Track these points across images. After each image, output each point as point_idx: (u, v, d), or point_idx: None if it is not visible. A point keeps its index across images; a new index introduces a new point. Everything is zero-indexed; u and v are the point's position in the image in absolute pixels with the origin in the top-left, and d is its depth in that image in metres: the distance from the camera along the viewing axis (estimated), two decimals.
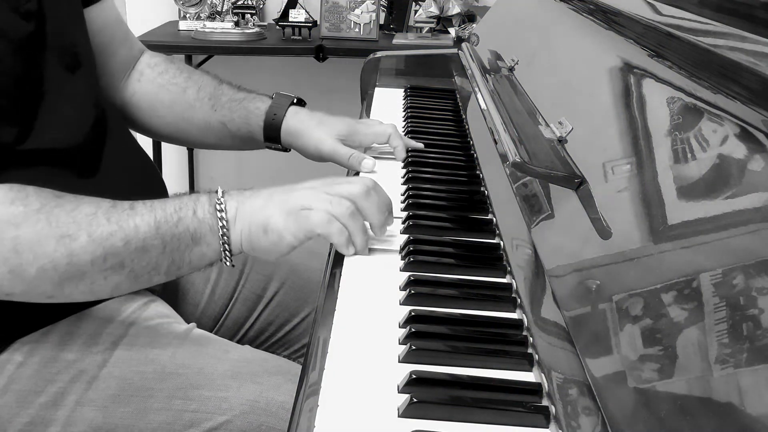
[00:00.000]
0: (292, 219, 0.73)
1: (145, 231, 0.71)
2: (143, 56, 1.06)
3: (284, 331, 1.06)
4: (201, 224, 0.73)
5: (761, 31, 0.57)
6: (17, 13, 0.76)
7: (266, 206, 0.74)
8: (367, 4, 2.35)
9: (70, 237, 0.69)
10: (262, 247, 0.75)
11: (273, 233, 0.73)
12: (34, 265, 0.68)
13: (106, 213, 0.71)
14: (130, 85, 1.04)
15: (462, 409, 0.53)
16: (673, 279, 0.49)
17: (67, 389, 0.79)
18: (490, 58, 1.27)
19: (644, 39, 0.77)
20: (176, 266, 0.74)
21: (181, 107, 1.04)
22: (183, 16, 2.43)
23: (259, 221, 0.74)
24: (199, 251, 0.74)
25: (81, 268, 0.70)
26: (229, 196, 0.75)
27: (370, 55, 1.55)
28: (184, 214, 0.73)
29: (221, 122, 1.04)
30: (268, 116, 1.02)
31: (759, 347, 0.39)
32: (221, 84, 1.06)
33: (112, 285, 0.73)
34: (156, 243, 0.72)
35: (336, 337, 0.61)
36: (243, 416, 0.80)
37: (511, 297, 0.68)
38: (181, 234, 0.73)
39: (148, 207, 0.73)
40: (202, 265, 0.76)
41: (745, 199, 0.48)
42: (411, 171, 0.98)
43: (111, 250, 0.70)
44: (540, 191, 0.76)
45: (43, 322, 0.83)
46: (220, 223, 0.73)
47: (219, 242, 0.74)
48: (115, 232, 0.70)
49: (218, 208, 0.74)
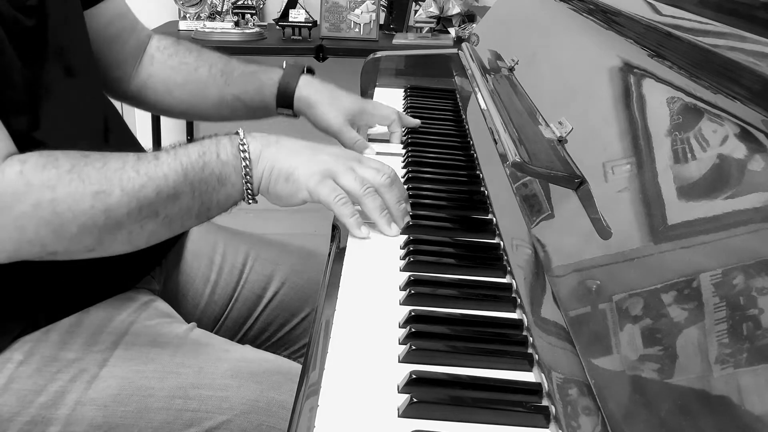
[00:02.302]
0: (315, 179, 0.76)
1: (174, 179, 0.74)
2: (152, 40, 1.09)
3: (284, 331, 1.06)
4: (225, 166, 0.76)
5: (761, 31, 0.57)
6: (18, 8, 0.78)
7: (293, 156, 0.78)
8: (367, 4, 2.35)
9: (104, 192, 0.71)
10: (277, 192, 0.78)
11: (293, 183, 0.77)
12: (74, 223, 0.71)
13: (134, 166, 0.73)
14: (143, 69, 1.07)
15: (462, 409, 0.53)
16: (673, 279, 0.49)
17: (68, 388, 0.80)
18: (490, 58, 1.27)
19: (644, 39, 0.77)
20: (206, 208, 0.77)
21: (195, 85, 1.07)
22: (183, 16, 2.43)
23: (283, 167, 0.77)
24: (225, 192, 0.77)
25: (118, 220, 0.72)
26: (252, 137, 0.78)
27: (370, 55, 1.55)
28: (209, 158, 0.76)
29: (235, 95, 1.08)
30: (281, 85, 1.07)
31: (759, 347, 0.40)
32: (230, 60, 1.10)
33: (149, 232, 0.75)
34: (185, 189, 0.74)
35: (336, 337, 0.61)
36: (243, 416, 0.80)
37: (511, 297, 0.68)
38: (207, 177, 0.75)
39: (173, 155, 0.75)
40: (229, 205, 0.79)
41: (745, 199, 0.48)
42: (411, 171, 0.98)
43: (144, 201, 0.73)
44: (540, 191, 0.76)
45: (44, 321, 0.83)
46: (243, 162, 0.76)
47: (242, 182, 0.77)
48: (145, 183, 0.73)
49: (241, 149, 0.77)
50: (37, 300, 0.83)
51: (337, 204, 0.76)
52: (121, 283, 0.91)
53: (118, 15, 1.02)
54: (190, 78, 1.07)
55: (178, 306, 1.00)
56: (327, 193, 0.76)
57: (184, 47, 1.10)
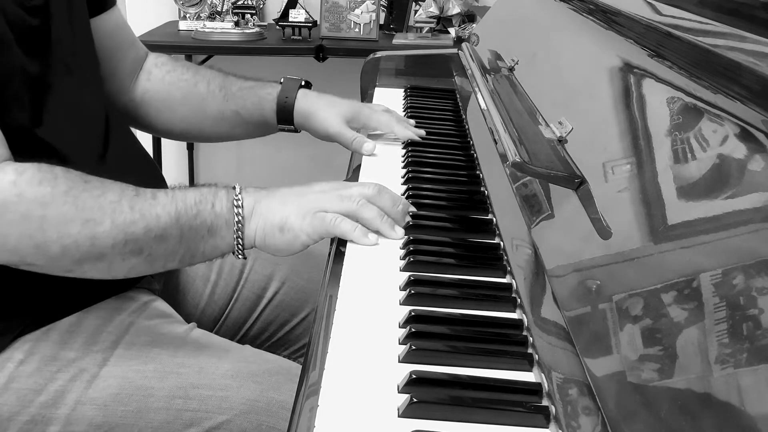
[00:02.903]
0: (308, 220, 0.77)
1: (165, 221, 0.74)
2: (149, 57, 1.08)
3: (284, 331, 1.06)
4: (218, 218, 0.77)
5: (761, 31, 0.57)
6: (23, 7, 0.79)
7: (283, 206, 0.78)
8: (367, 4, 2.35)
9: (94, 221, 0.72)
10: (275, 245, 0.78)
11: (289, 232, 0.77)
12: (57, 243, 0.71)
13: (129, 201, 0.74)
14: (140, 85, 1.06)
15: (462, 409, 0.53)
16: (673, 279, 0.49)
17: (68, 388, 0.80)
18: (490, 58, 1.27)
19: (644, 39, 0.77)
20: (190, 254, 0.77)
21: (194, 101, 1.07)
22: (183, 16, 2.43)
23: (275, 220, 0.77)
24: (213, 243, 0.77)
25: (102, 250, 0.73)
26: (246, 193, 0.79)
27: (370, 55, 1.54)
28: (203, 207, 0.76)
29: (234, 111, 1.08)
30: (280, 99, 1.07)
31: (759, 347, 0.40)
32: (227, 76, 1.10)
33: (129, 267, 0.76)
34: (174, 233, 0.75)
35: (336, 337, 0.61)
36: (243, 416, 0.80)
37: (511, 297, 0.68)
38: (198, 226, 0.76)
39: (170, 197, 0.76)
40: (215, 255, 0.79)
41: (745, 199, 0.48)
42: (411, 171, 0.98)
43: (132, 236, 0.73)
44: (540, 191, 0.76)
45: (44, 320, 0.83)
46: (237, 218, 0.77)
47: (233, 236, 0.77)
48: (137, 220, 0.73)
49: (236, 204, 0.77)
50: (38, 299, 0.83)
51: (335, 225, 0.76)
52: (121, 282, 0.90)
53: (117, 28, 1.02)
54: (189, 93, 1.07)
55: (178, 306, 1.00)
56: (321, 224, 0.76)
57: (180, 64, 1.10)
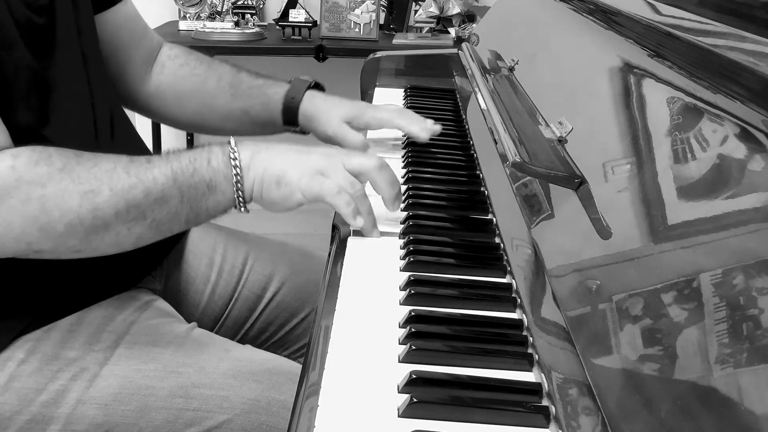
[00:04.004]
0: (306, 179, 0.76)
1: (163, 182, 0.74)
2: (163, 48, 1.08)
3: (284, 331, 1.06)
4: (215, 173, 0.76)
5: (761, 31, 0.57)
6: (30, 8, 0.79)
7: (282, 160, 0.77)
8: (367, 4, 2.35)
9: (93, 192, 0.72)
10: (271, 198, 0.77)
11: (286, 187, 0.76)
12: (61, 221, 0.71)
13: (125, 167, 0.74)
14: (153, 77, 1.06)
15: (462, 409, 0.53)
16: (673, 279, 0.49)
17: (69, 387, 0.80)
18: (490, 58, 1.27)
19: (644, 39, 0.77)
20: (194, 213, 0.77)
21: (202, 97, 1.06)
22: (183, 16, 2.43)
23: (273, 172, 0.77)
24: (215, 199, 0.77)
25: (106, 220, 0.73)
26: (243, 145, 0.78)
27: (370, 55, 1.54)
28: (199, 164, 0.76)
29: (242, 109, 1.07)
30: (287, 100, 1.05)
31: (759, 347, 0.40)
32: (240, 72, 1.08)
33: (136, 235, 0.75)
34: (174, 193, 0.75)
35: (336, 337, 0.61)
36: (244, 415, 0.80)
37: (511, 297, 0.68)
38: (197, 183, 0.75)
39: (164, 159, 0.76)
40: (219, 212, 0.79)
41: (745, 199, 0.48)
42: (411, 171, 0.98)
43: (133, 201, 0.73)
44: (540, 191, 0.76)
45: (45, 319, 0.83)
46: (234, 170, 0.76)
47: (233, 189, 0.76)
48: (135, 184, 0.73)
49: (232, 156, 0.76)
50: (39, 299, 0.83)
51: (331, 195, 0.76)
52: (122, 282, 0.91)
53: (128, 20, 1.02)
54: (198, 89, 1.06)
55: (178, 306, 1.00)
56: (319, 188, 0.76)
57: (195, 57, 1.09)
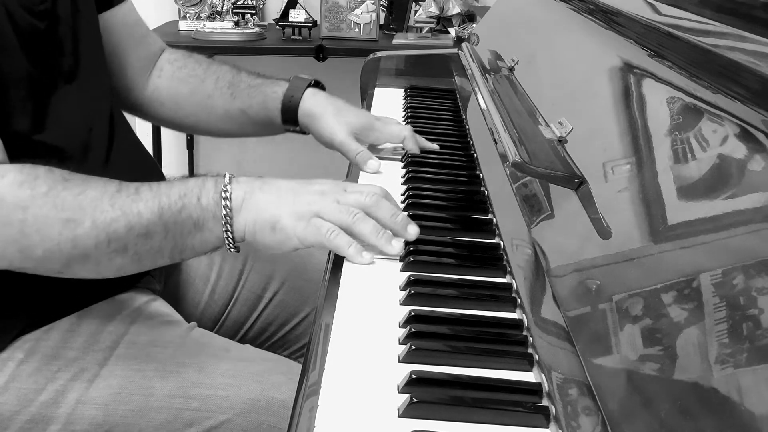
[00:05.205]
0: (302, 225, 0.73)
1: (148, 218, 0.72)
2: (164, 53, 1.08)
3: (284, 331, 1.06)
4: (204, 212, 0.74)
5: (761, 31, 0.57)
6: (31, 12, 0.78)
7: (276, 204, 0.74)
8: (367, 4, 2.35)
9: (74, 222, 0.70)
10: (266, 242, 0.75)
11: (281, 233, 0.74)
12: (40, 247, 0.70)
13: (110, 198, 0.72)
14: (151, 81, 1.06)
15: (462, 409, 0.53)
16: (673, 279, 0.49)
17: (68, 387, 0.80)
18: (490, 58, 1.27)
19: (644, 39, 0.77)
20: (179, 250, 0.75)
21: (200, 97, 1.05)
22: (183, 16, 2.43)
23: (267, 218, 0.74)
24: (201, 237, 0.75)
25: (85, 251, 0.71)
26: (237, 183, 0.75)
27: (370, 55, 1.54)
28: (188, 201, 0.74)
29: (240, 109, 1.05)
30: (285, 98, 1.03)
31: (759, 347, 0.40)
32: (239, 72, 1.07)
33: (117, 266, 0.74)
34: (158, 229, 0.73)
35: (336, 337, 0.61)
36: (244, 415, 0.80)
37: (511, 297, 0.68)
38: (183, 221, 0.73)
39: (153, 192, 0.74)
40: (206, 250, 0.77)
41: (745, 199, 0.48)
42: (411, 171, 0.98)
43: (114, 235, 0.72)
44: (540, 191, 0.76)
45: (45, 320, 0.83)
46: (224, 211, 0.74)
47: (222, 230, 0.74)
48: (118, 217, 0.71)
49: (224, 195, 0.74)
50: (38, 299, 0.83)
51: (330, 239, 0.72)
52: (121, 282, 0.91)
53: (127, 23, 1.01)
54: (196, 90, 1.05)
55: (178, 306, 1.00)
56: (316, 234, 0.73)
57: (194, 60, 1.08)
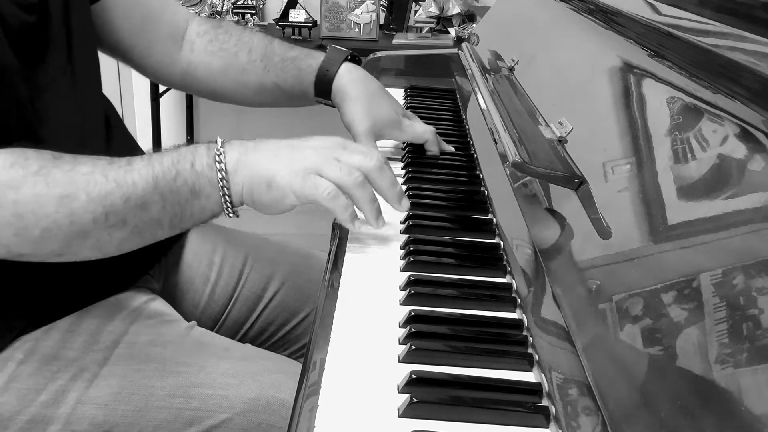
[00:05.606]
0: (298, 180, 0.72)
1: (143, 187, 0.70)
2: (191, 25, 1.05)
3: (284, 331, 1.06)
4: (199, 177, 0.72)
5: (761, 31, 0.57)
6: (19, 5, 0.76)
7: (272, 161, 0.73)
8: (367, 4, 2.35)
9: (69, 197, 0.68)
10: (263, 202, 0.73)
11: (277, 190, 0.72)
12: (37, 227, 0.68)
13: (103, 171, 0.70)
14: (183, 56, 1.03)
15: (462, 409, 0.53)
16: (673, 279, 0.49)
17: (68, 387, 0.80)
18: (490, 58, 1.27)
19: (644, 39, 0.77)
20: (179, 219, 0.73)
21: (234, 71, 1.03)
22: None
23: (263, 175, 0.72)
24: (200, 204, 0.73)
25: (84, 227, 0.69)
26: (230, 146, 0.74)
27: (370, 55, 1.54)
28: (182, 167, 0.72)
29: (275, 83, 1.03)
30: (321, 72, 1.00)
31: (759, 347, 0.40)
32: (272, 43, 1.05)
33: (118, 241, 0.72)
34: (155, 198, 0.71)
35: (336, 337, 0.61)
36: (244, 414, 0.80)
37: (511, 297, 0.68)
38: (179, 188, 0.72)
39: (146, 162, 0.72)
40: (206, 217, 0.75)
41: (745, 199, 0.48)
42: (411, 171, 0.98)
43: (111, 208, 0.69)
44: (540, 191, 0.76)
45: (44, 320, 0.83)
46: (219, 175, 0.72)
47: (219, 194, 0.73)
48: (113, 189, 0.69)
49: (217, 159, 0.72)
50: (37, 299, 0.83)
51: (327, 198, 0.71)
52: (120, 282, 0.91)
53: (136, 2, 0.99)
54: (229, 63, 1.03)
55: (177, 306, 1.00)
56: (313, 190, 0.71)
57: (223, 30, 1.05)
